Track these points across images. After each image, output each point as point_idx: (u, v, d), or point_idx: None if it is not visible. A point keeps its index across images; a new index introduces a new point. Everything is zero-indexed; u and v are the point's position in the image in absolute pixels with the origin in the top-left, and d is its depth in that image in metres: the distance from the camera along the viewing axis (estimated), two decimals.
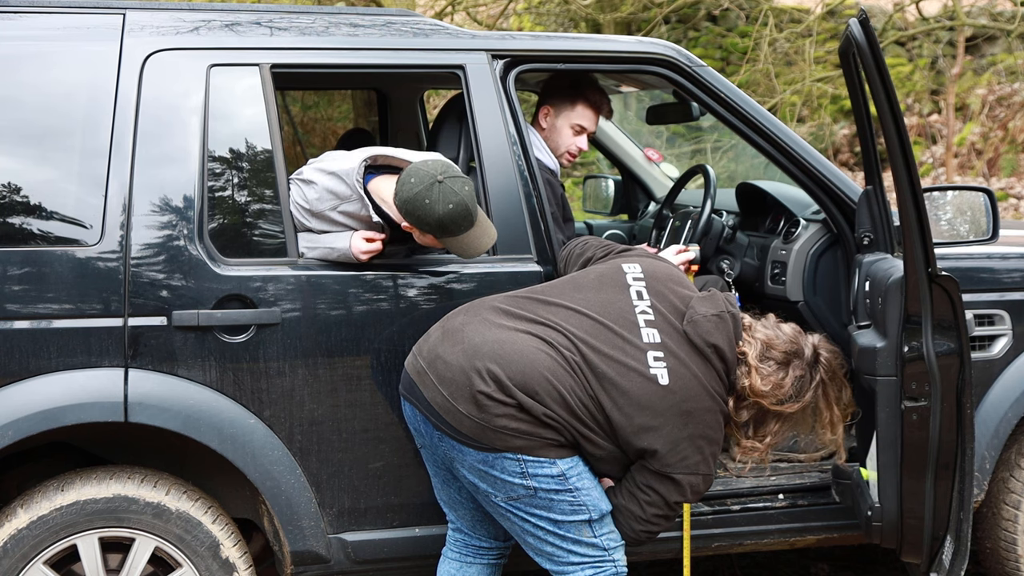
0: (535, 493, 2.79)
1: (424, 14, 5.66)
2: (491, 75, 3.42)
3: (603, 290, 2.91)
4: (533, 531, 2.86)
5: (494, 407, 2.72)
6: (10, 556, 3.04)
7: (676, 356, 2.81)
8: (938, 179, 11.21)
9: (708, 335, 2.84)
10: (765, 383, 2.85)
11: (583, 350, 2.78)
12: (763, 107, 3.65)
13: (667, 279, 2.96)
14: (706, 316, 2.86)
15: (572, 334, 2.80)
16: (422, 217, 3.07)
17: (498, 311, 2.88)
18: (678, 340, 2.84)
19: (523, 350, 2.76)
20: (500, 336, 2.79)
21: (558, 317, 2.84)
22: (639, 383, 2.76)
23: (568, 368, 2.76)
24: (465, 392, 2.75)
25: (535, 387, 2.72)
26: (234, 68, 3.28)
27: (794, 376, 2.89)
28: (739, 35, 12.45)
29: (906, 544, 3.27)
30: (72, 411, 3.04)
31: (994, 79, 12.13)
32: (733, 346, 2.86)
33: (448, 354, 2.80)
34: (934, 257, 3.11)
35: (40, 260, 3.06)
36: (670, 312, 2.88)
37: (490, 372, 2.73)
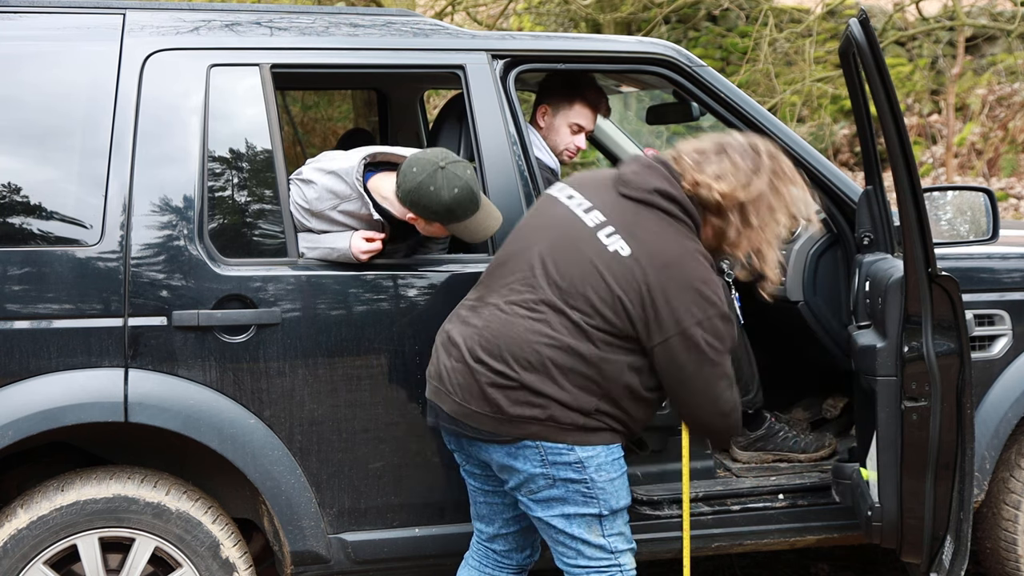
0: (553, 483, 2.79)
1: (424, 14, 5.66)
2: (491, 75, 3.42)
3: (539, 216, 2.92)
4: (546, 528, 2.87)
5: (501, 394, 2.73)
6: (10, 556, 3.04)
7: (625, 225, 2.77)
8: (938, 179, 11.21)
9: (644, 183, 2.80)
10: (722, 180, 2.78)
11: (547, 286, 2.76)
12: (763, 107, 3.65)
13: (592, 176, 2.97)
14: (635, 171, 2.85)
15: (533, 281, 2.79)
16: (428, 205, 3.08)
17: (469, 306, 2.90)
18: (622, 208, 2.80)
19: (500, 327, 2.77)
20: (479, 324, 2.81)
21: (515, 276, 2.83)
22: (604, 267, 2.73)
23: (542, 315, 2.75)
24: (474, 390, 2.77)
25: (527, 355, 2.73)
26: (234, 68, 3.28)
27: (738, 155, 2.81)
28: (739, 35, 12.45)
29: (906, 544, 3.26)
30: (72, 411, 3.05)
31: (994, 79, 12.12)
32: (676, 183, 2.80)
33: (449, 364, 2.83)
34: (934, 257, 3.11)
35: (40, 260, 3.06)
36: (605, 191, 2.86)
37: (483, 361, 2.75)
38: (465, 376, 2.78)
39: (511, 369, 2.73)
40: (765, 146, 2.86)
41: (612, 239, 2.75)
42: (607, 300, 2.72)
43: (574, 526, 2.84)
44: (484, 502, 3.06)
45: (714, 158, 2.82)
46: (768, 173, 2.81)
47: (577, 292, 2.74)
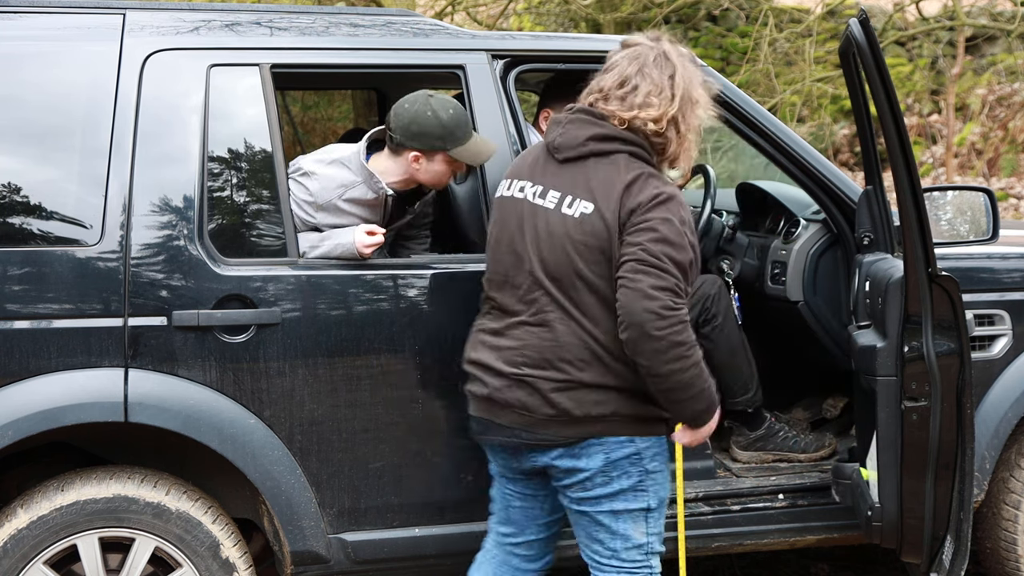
0: (610, 479, 2.79)
1: (424, 14, 5.66)
2: (491, 75, 3.42)
3: (509, 222, 2.87)
4: (589, 525, 2.86)
5: (565, 397, 2.74)
6: (10, 556, 3.04)
7: (580, 185, 2.76)
8: (938, 179, 11.21)
9: (574, 139, 2.80)
10: (649, 108, 2.76)
11: (555, 289, 2.76)
12: (763, 107, 3.65)
13: (527, 160, 2.94)
14: (561, 132, 2.82)
15: (541, 288, 2.78)
16: (430, 130, 3.26)
17: (492, 330, 2.90)
18: (570, 173, 2.79)
19: (539, 341, 2.77)
20: (517, 344, 2.80)
21: (522, 290, 2.81)
22: (579, 236, 2.72)
23: (570, 314, 2.75)
24: (536, 399, 2.77)
25: (579, 355, 2.74)
26: (234, 68, 3.28)
27: (655, 69, 2.79)
28: (739, 35, 12.44)
29: (906, 544, 3.27)
30: (72, 411, 3.04)
31: (994, 79, 12.12)
32: (607, 124, 2.79)
33: (499, 383, 2.83)
34: (934, 257, 3.11)
35: (40, 260, 3.06)
36: (546, 166, 2.84)
37: (537, 376, 2.76)
38: (523, 388, 2.78)
39: (568, 373, 2.74)
40: (669, 44, 2.86)
41: (574, 205, 2.76)
42: (599, 261, 2.72)
43: (620, 522, 2.84)
44: (520, 507, 3.03)
45: (636, 80, 2.79)
46: (681, 72, 2.81)
47: (577, 275, 2.74)
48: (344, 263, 3.28)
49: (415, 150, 3.32)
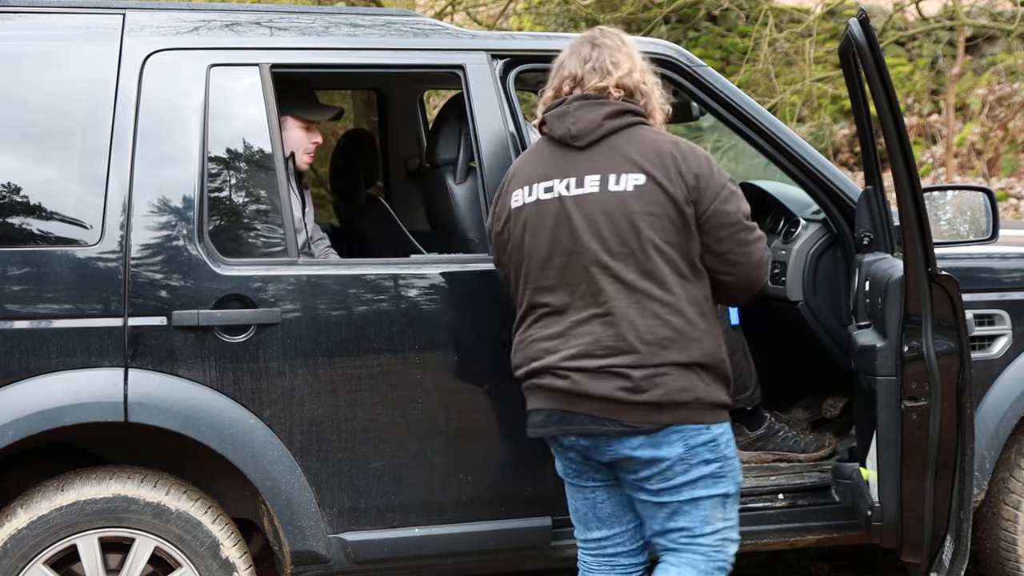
0: (689, 467, 2.77)
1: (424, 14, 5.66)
2: (491, 75, 3.42)
3: (545, 226, 2.83)
4: (668, 518, 2.82)
5: (650, 383, 2.71)
6: (10, 556, 3.04)
7: (618, 161, 2.78)
8: (938, 179, 11.20)
9: (592, 122, 2.81)
10: (620, 67, 2.86)
11: (623, 268, 2.74)
12: (763, 107, 3.65)
13: (536, 159, 2.93)
14: (573, 122, 2.82)
15: (608, 274, 2.75)
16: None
17: (552, 335, 2.82)
18: (599, 155, 2.80)
19: (615, 330, 2.73)
20: (589, 340, 2.75)
21: (584, 286, 2.78)
22: (639, 206, 2.74)
23: (643, 292, 2.73)
24: (616, 386, 2.73)
25: (661, 333, 2.71)
26: (234, 68, 3.28)
27: (606, 39, 2.90)
28: (739, 35, 12.44)
29: (906, 544, 3.26)
30: (72, 411, 3.05)
31: (994, 79, 12.12)
32: (611, 100, 2.83)
33: (578, 377, 2.76)
34: (934, 257, 3.11)
35: (40, 260, 3.06)
36: (567, 158, 2.84)
37: (621, 364, 2.72)
38: (609, 378, 2.73)
39: (653, 356, 2.71)
40: (597, 29, 2.96)
41: (622, 181, 2.76)
42: (667, 228, 2.74)
43: (700, 508, 2.81)
44: (608, 499, 2.96)
45: (593, 54, 2.87)
46: (613, 36, 2.93)
47: (651, 245, 2.73)
48: (344, 263, 3.28)
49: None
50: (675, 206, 2.74)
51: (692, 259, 2.79)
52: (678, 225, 2.75)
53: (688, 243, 2.78)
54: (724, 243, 2.80)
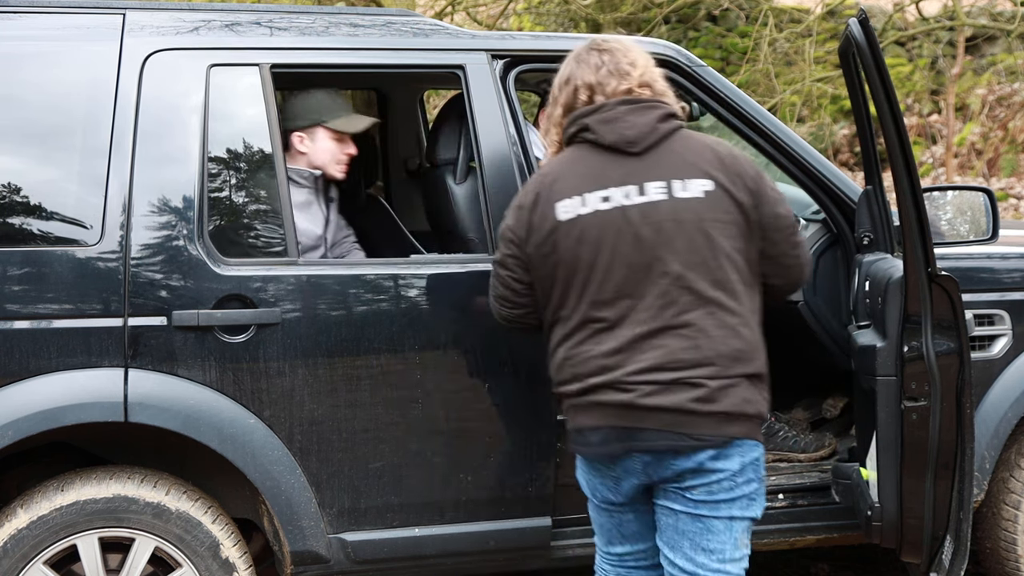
0: (736, 483, 2.67)
1: (424, 14, 5.66)
2: (491, 75, 3.42)
3: (607, 237, 2.67)
4: (699, 533, 2.70)
5: (723, 394, 2.61)
6: (10, 556, 3.04)
7: (678, 165, 2.67)
8: (938, 179, 11.20)
9: (646, 126, 2.69)
10: (633, 60, 2.78)
11: (695, 278, 2.62)
12: (763, 107, 3.65)
13: (589, 168, 2.74)
14: (628, 126, 2.69)
15: (680, 284, 2.62)
16: (305, 103, 3.57)
17: (614, 350, 2.65)
18: (658, 160, 2.68)
19: (688, 343, 2.61)
20: (658, 353, 2.62)
21: (651, 298, 2.64)
22: (709, 213, 2.64)
23: (716, 303, 2.62)
24: (689, 399, 2.61)
25: (733, 345, 2.62)
26: (234, 68, 3.28)
27: (615, 41, 2.83)
28: (739, 35, 12.45)
29: (906, 544, 3.26)
30: (72, 411, 3.05)
31: (994, 79, 12.12)
32: (654, 102, 2.73)
33: (647, 390, 2.62)
34: (934, 257, 3.11)
35: (40, 260, 3.06)
36: (622, 164, 2.69)
37: (696, 376, 2.60)
38: (682, 390, 2.60)
39: (727, 367, 2.61)
40: (591, 39, 2.86)
41: (689, 187, 2.65)
42: (734, 235, 2.66)
43: (732, 530, 2.71)
44: (635, 520, 2.84)
45: (604, 59, 2.76)
46: (623, 43, 2.84)
47: (723, 255, 2.64)
48: (344, 263, 3.28)
49: (296, 131, 3.56)
50: (742, 211, 2.66)
51: (753, 266, 2.71)
52: (743, 231, 2.67)
53: (751, 249, 2.70)
54: (778, 246, 2.74)
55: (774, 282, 2.79)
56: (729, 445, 2.64)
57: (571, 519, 3.39)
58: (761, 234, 2.71)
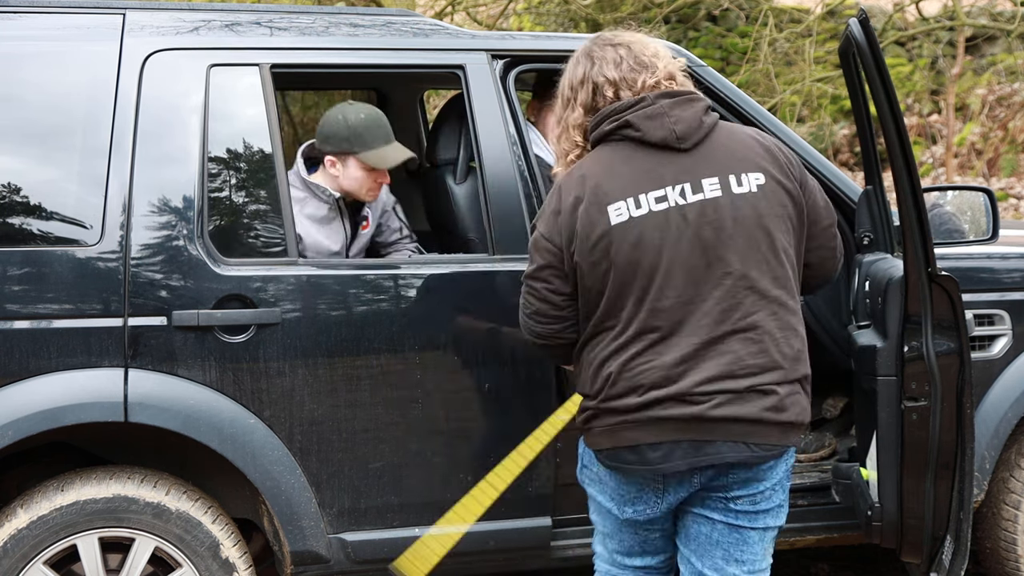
0: (774, 494, 2.60)
1: (424, 14, 5.66)
2: (491, 75, 3.42)
3: (667, 241, 2.52)
4: (734, 544, 2.61)
5: (791, 401, 2.52)
6: (10, 556, 3.04)
7: (729, 160, 2.54)
8: (938, 179, 11.20)
9: (692, 119, 2.55)
10: (661, 57, 2.67)
11: (758, 275, 2.50)
12: (763, 107, 3.65)
13: (640, 167, 2.58)
14: (677, 120, 2.55)
15: (743, 284, 2.50)
16: (336, 131, 3.49)
17: (679, 359, 2.49)
18: (710, 154, 2.55)
19: (758, 347, 2.49)
20: (728, 359, 2.48)
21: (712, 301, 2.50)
22: (767, 208, 2.52)
23: (777, 301, 2.52)
24: (763, 407, 2.49)
25: (793, 344, 2.53)
26: (234, 68, 3.28)
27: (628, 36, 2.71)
28: (739, 35, 12.44)
29: (906, 544, 3.26)
30: (72, 411, 3.05)
31: (994, 79, 12.12)
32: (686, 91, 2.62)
33: (723, 399, 2.48)
34: (934, 257, 3.11)
35: (40, 260, 3.06)
36: (673, 161, 2.55)
37: (768, 382, 2.49)
38: (756, 398, 2.48)
39: (790, 369, 2.51)
40: (599, 35, 2.74)
41: (744, 181, 2.52)
42: (788, 230, 2.56)
43: (764, 541, 2.64)
44: (660, 536, 2.73)
45: (634, 50, 2.64)
46: (635, 35, 2.72)
47: (782, 251, 2.53)
48: (344, 263, 3.28)
49: (328, 154, 3.52)
50: (794, 203, 2.57)
51: (800, 259, 2.62)
52: (795, 224, 2.57)
53: (800, 243, 2.60)
54: (817, 239, 2.65)
55: (809, 275, 2.69)
56: (783, 455, 2.57)
57: (571, 519, 3.39)
58: (806, 225, 2.62)
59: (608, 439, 2.58)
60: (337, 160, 3.53)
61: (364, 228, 3.72)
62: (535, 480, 3.35)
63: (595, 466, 2.69)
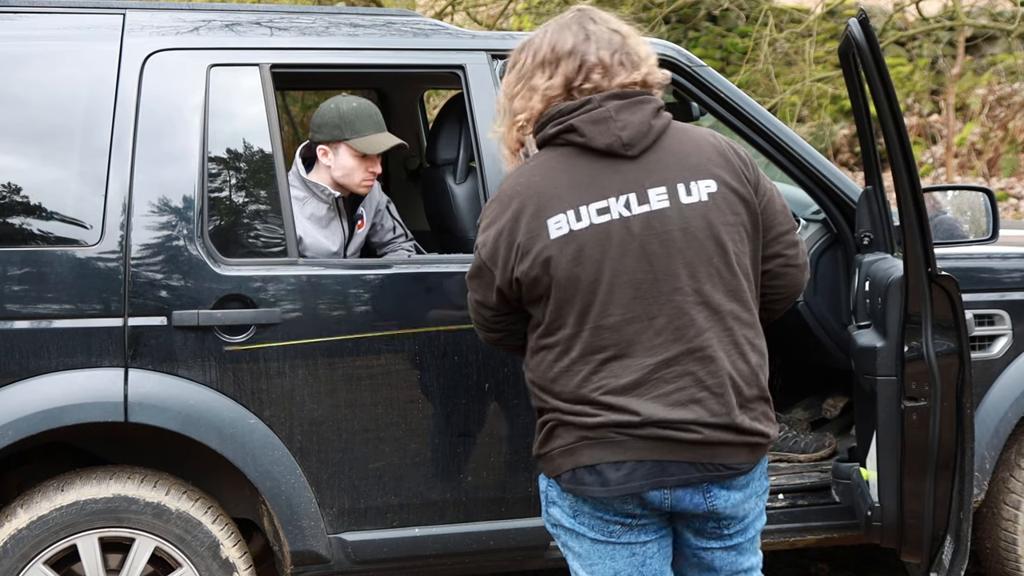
0: (759, 501, 2.50)
1: (424, 14, 5.66)
2: (491, 75, 3.42)
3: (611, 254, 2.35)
4: (733, 562, 2.52)
5: (761, 414, 2.41)
6: (10, 556, 3.04)
7: (681, 166, 2.37)
8: (938, 179, 11.21)
9: (640, 123, 2.37)
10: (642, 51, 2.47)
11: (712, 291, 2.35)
12: (763, 107, 3.65)
13: (581, 176, 2.40)
14: (620, 125, 2.36)
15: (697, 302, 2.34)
16: (327, 119, 3.53)
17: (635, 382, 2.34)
18: (658, 161, 2.37)
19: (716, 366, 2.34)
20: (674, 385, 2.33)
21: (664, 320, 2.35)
22: (717, 215, 2.36)
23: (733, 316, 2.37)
24: (735, 427, 2.36)
25: (752, 362, 2.38)
26: (234, 68, 3.28)
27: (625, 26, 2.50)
28: (739, 35, 12.44)
29: (906, 544, 3.26)
30: (72, 411, 3.04)
31: (994, 79, 12.12)
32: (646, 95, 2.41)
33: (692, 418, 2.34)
34: (934, 257, 3.11)
35: (40, 260, 3.06)
36: (620, 170, 2.37)
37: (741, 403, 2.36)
38: (715, 418, 2.34)
39: (755, 385, 2.39)
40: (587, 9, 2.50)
41: (693, 190, 2.35)
42: (742, 239, 2.39)
43: (756, 541, 2.55)
44: (658, 554, 2.50)
45: (628, 43, 2.44)
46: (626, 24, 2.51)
47: (736, 264, 2.37)
48: (344, 263, 3.28)
49: (321, 143, 3.56)
50: (748, 210, 2.40)
51: (757, 269, 2.45)
52: (750, 232, 2.41)
53: (756, 251, 2.44)
54: (773, 246, 2.47)
55: (770, 290, 2.51)
56: (759, 467, 2.46)
57: None
58: (760, 232, 2.45)
59: (569, 459, 2.39)
60: (329, 149, 3.56)
61: (360, 227, 3.73)
62: (535, 480, 3.35)
63: (566, 498, 2.47)
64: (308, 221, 3.52)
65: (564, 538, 2.54)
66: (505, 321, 2.53)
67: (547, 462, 2.46)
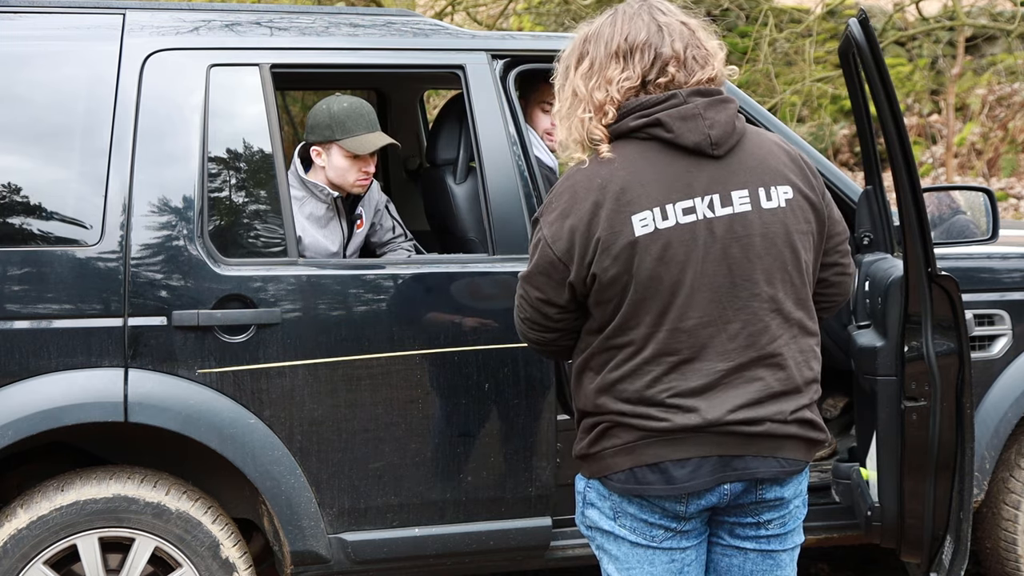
0: (799, 510, 2.46)
1: (424, 14, 5.66)
2: (491, 75, 3.42)
3: (696, 256, 2.29)
4: (770, 570, 2.48)
5: (814, 414, 2.38)
6: (10, 556, 3.04)
7: (758, 170, 2.31)
8: (938, 179, 11.21)
9: (725, 123, 2.30)
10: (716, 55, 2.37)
11: (783, 297, 2.32)
12: (763, 107, 3.64)
13: (665, 172, 2.31)
14: (708, 123, 2.28)
15: (769, 306, 2.30)
16: (319, 120, 3.52)
17: (704, 386, 2.29)
18: (740, 162, 2.31)
19: (784, 373, 2.32)
20: (758, 387, 2.30)
21: (740, 323, 2.30)
22: (794, 225, 2.31)
23: (796, 324, 2.33)
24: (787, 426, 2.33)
25: (810, 365, 2.36)
26: (234, 68, 3.28)
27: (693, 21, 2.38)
28: (739, 35, 12.44)
29: (906, 544, 3.26)
30: (72, 411, 3.05)
31: (994, 79, 12.12)
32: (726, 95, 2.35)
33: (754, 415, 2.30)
34: (934, 257, 3.11)
35: (40, 260, 3.06)
36: (704, 169, 2.30)
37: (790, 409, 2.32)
38: (782, 420, 2.31)
39: (812, 389, 2.36)
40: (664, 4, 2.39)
41: (773, 195, 2.30)
42: (813, 247, 2.36)
43: (794, 558, 2.51)
44: (695, 561, 2.45)
45: (698, 37, 2.35)
46: (691, 18, 2.40)
47: (807, 270, 2.34)
48: (344, 263, 3.28)
49: (314, 144, 3.55)
50: (818, 218, 2.35)
51: (816, 276, 2.43)
52: (816, 240, 2.36)
53: (818, 259, 2.40)
54: (832, 255, 2.45)
55: (824, 296, 2.48)
56: (804, 470, 2.41)
57: (571, 519, 3.39)
58: (824, 240, 2.41)
59: (627, 458, 2.32)
60: (322, 150, 3.55)
61: (359, 227, 3.73)
62: (535, 480, 3.35)
63: (607, 500, 2.39)
64: (307, 221, 3.52)
65: (600, 540, 2.44)
66: (569, 319, 2.41)
67: (595, 462, 2.37)
